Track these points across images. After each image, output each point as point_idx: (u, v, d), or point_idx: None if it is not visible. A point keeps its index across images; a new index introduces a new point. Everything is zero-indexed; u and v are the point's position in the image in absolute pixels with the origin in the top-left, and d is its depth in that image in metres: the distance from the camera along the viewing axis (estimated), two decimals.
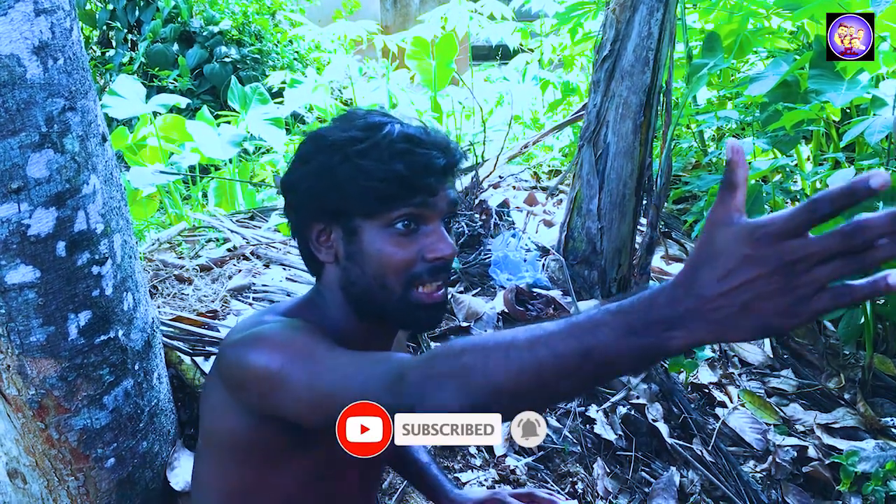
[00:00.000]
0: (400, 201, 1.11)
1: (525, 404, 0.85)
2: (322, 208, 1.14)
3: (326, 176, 1.13)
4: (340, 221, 1.14)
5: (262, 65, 6.05)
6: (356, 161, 1.10)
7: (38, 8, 1.22)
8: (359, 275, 1.14)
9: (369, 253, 1.13)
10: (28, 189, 1.25)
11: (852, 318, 2.44)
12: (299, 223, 1.19)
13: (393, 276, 1.13)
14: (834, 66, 2.55)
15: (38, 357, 1.36)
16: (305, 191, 1.15)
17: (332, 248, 1.16)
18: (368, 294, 1.15)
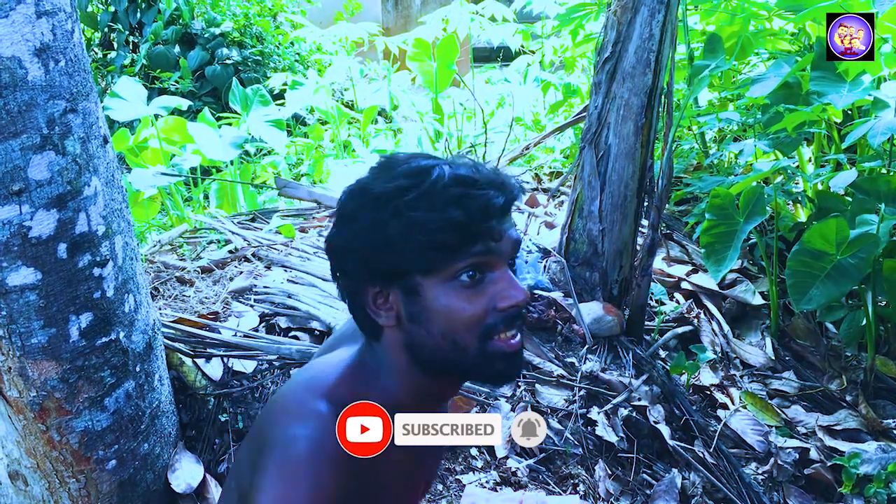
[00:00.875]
0: (462, 252, 1.03)
1: None
2: (376, 270, 1.05)
3: (377, 234, 1.03)
4: (398, 282, 1.05)
5: (264, 66, 6.05)
6: (408, 214, 1.01)
7: (40, 10, 1.23)
8: (426, 335, 1.06)
9: (435, 311, 1.04)
10: (29, 191, 1.26)
11: (854, 320, 2.44)
12: (351, 287, 1.10)
13: (465, 333, 1.05)
14: (836, 68, 2.55)
15: (39, 359, 1.36)
16: (355, 253, 1.05)
17: (392, 311, 1.07)
18: (440, 354, 1.07)
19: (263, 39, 6.17)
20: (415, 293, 1.04)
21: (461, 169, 1.04)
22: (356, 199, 1.07)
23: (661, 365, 2.32)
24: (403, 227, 1.01)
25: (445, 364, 1.08)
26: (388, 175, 1.05)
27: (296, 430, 1.02)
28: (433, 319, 1.05)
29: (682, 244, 3.08)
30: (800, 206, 3.04)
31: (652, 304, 2.64)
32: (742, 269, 2.93)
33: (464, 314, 1.04)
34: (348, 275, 1.09)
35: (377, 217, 1.03)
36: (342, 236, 1.07)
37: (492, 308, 1.05)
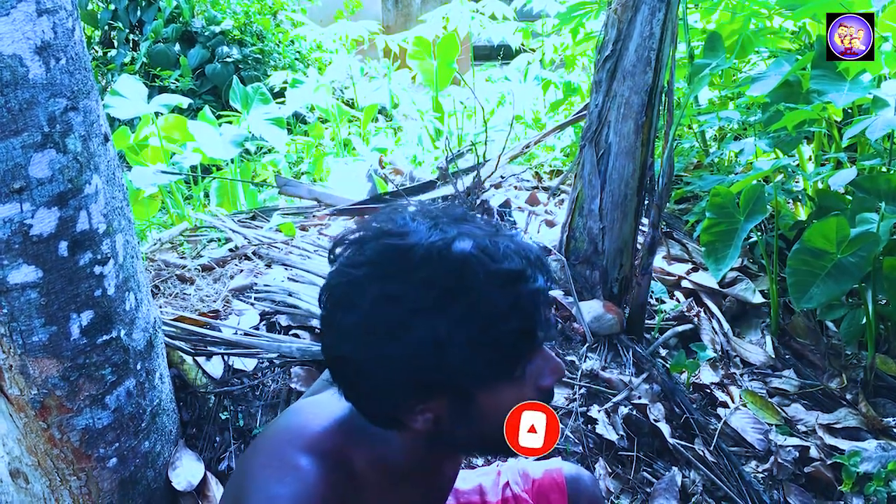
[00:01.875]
0: (524, 356, 0.97)
1: None
2: (423, 387, 0.95)
3: (431, 355, 0.92)
4: (448, 394, 0.96)
5: (264, 65, 6.05)
6: (467, 329, 0.91)
7: (41, 8, 1.23)
8: (471, 434, 1.00)
9: (490, 414, 0.98)
10: (30, 189, 1.26)
11: (854, 319, 2.44)
12: (378, 398, 0.99)
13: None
14: (836, 67, 2.55)
15: (40, 357, 1.36)
16: (400, 370, 0.94)
17: (430, 416, 0.98)
18: (479, 446, 1.05)
19: (264, 37, 6.17)
20: (467, 401, 0.97)
21: (503, 258, 0.94)
22: (394, 309, 0.92)
23: (661, 363, 2.33)
24: (467, 346, 0.92)
25: (475, 451, 1.10)
26: (425, 275, 0.93)
27: (274, 488, 0.96)
28: (486, 420, 0.98)
29: (683, 242, 3.08)
30: (800, 204, 3.04)
31: (652, 302, 2.64)
32: (742, 268, 2.93)
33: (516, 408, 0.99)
34: (377, 388, 0.97)
35: (430, 334, 0.91)
36: (379, 355, 0.94)
37: (536, 388, 1.00)
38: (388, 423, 1.02)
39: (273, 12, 6.35)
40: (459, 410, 0.97)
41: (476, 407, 0.97)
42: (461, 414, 0.98)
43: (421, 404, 0.97)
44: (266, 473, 0.98)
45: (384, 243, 0.96)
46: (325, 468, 0.99)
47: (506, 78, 5.49)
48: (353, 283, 0.95)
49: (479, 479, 1.47)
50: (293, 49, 6.32)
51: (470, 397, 0.96)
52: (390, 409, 0.98)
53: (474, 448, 1.07)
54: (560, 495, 1.43)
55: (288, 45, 6.31)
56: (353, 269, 0.96)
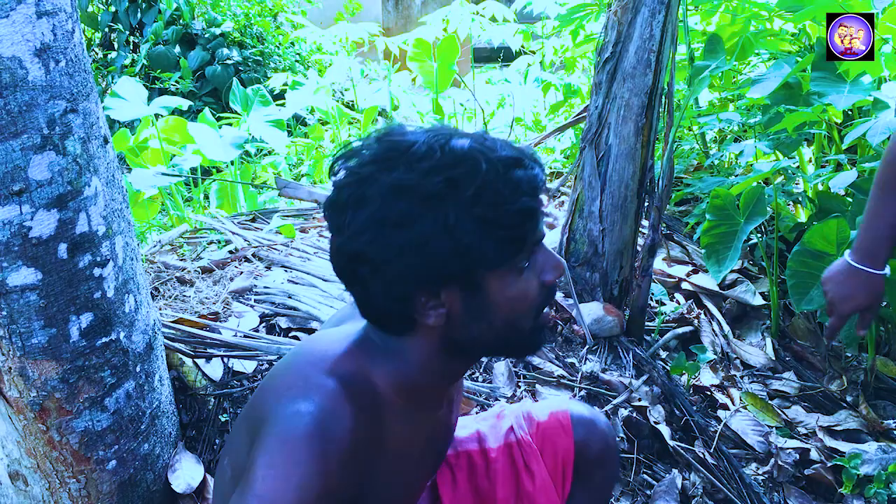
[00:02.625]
0: (532, 237, 1.00)
1: None
2: (435, 274, 0.98)
3: (443, 239, 0.95)
4: (459, 282, 0.99)
5: (264, 67, 6.05)
6: (474, 211, 0.95)
7: (40, 10, 1.23)
8: (483, 328, 1.03)
9: (500, 304, 1.01)
10: (30, 191, 1.26)
11: (854, 320, 2.43)
12: (392, 294, 1.00)
13: (526, 316, 1.04)
14: (836, 69, 2.55)
15: (39, 359, 1.36)
16: (411, 260, 0.96)
17: (443, 310, 1.01)
18: (492, 341, 1.05)
19: (264, 39, 6.17)
20: (477, 290, 1.00)
21: (501, 149, 0.99)
22: (400, 200, 0.96)
23: (661, 365, 2.32)
24: (476, 227, 0.95)
25: (492, 349, 1.10)
26: (425, 165, 0.96)
27: (300, 405, 0.97)
28: (496, 311, 1.02)
29: (683, 244, 3.08)
30: (800, 206, 3.04)
31: (652, 304, 2.64)
32: (742, 270, 2.93)
33: (527, 299, 1.03)
34: (392, 283, 0.99)
35: (439, 219, 0.95)
36: (394, 244, 0.96)
37: (540, 283, 1.04)
38: (402, 327, 1.04)
39: (273, 14, 6.36)
40: (470, 302, 1.00)
41: (485, 297, 1.00)
42: (472, 306, 1.01)
43: (433, 299, 0.99)
44: (291, 392, 1.00)
45: (387, 141, 1.01)
46: (350, 388, 1.01)
47: (506, 80, 5.49)
48: (361, 181, 0.98)
49: (476, 426, 1.48)
50: (293, 51, 6.33)
51: (479, 287, 0.99)
52: (404, 308, 1.00)
53: (486, 346, 1.08)
54: (566, 438, 1.42)
55: (288, 47, 6.32)
56: (360, 168, 1.00)
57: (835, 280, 1.69)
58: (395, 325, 1.05)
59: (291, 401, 0.98)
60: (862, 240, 1.65)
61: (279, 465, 0.93)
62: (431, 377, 1.10)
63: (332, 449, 0.95)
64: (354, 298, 1.06)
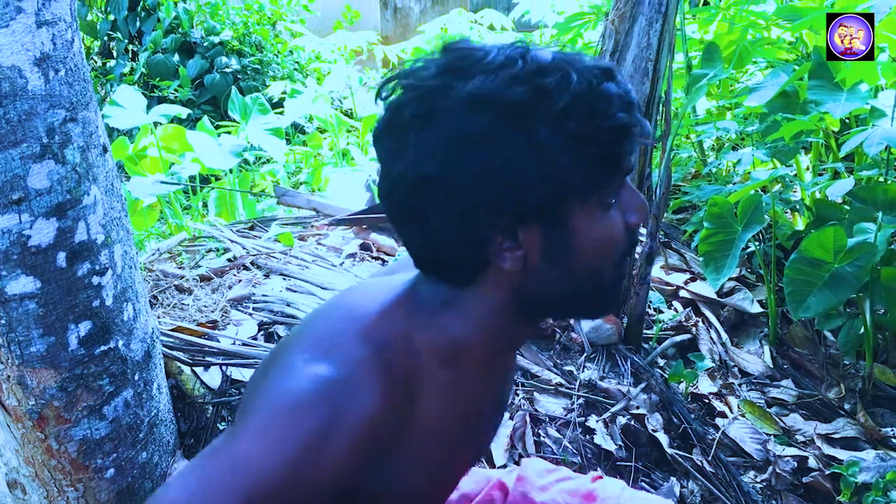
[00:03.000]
0: (625, 162, 0.85)
1: None
2: (517, 204, 0.82)
3: (530, 159, 0.80)
4: (542, 216, 0.84)
5: (263, 75, 6.07)
6: (567, 126, 0.80)
7: (40, 20, 1.23)
8: (561, 276, 0.88)
9: (584, 246, 0.86)
10: (29, 200, 1.26)
11: (852, 328, 2.44)
12: (463, 229, 0.84)
13: (610, 263, 0.90)
14: (833, 77, 2.56)
15: (38, 367, 1.36)
16: (492, 184, 0.81)
17: (520, 252, 0.85)
18: (567, 294, 0.90)
19: (262, 48, 6.19)
20: (561, 226, 0.84)
21: (587, 61, 0.84)
22: (479, 114, 0.80)
23: (659, 373, 2.33)
24: (568, 145, 0.80)
25: (565, 305, 0.93)
26: (501, 74, 0.81)
27: (320, 367, 0.82)
28: (580, 255, 0.86)
29: (681, 252, 3.09)
30: (798, 214, 3.05)
31: (650, 312, 2.64)
32: (740, 278, 2.93)
33: (613, 241, 0.88)
34: (464, 215, 0.83)
35: (526, 135, 0.80)
36: (470, 167, 0.80)
37: (625, 225, 0.89)
38: (467, 273, 0.88)
39: (272, 23, 6.38)
40: (551, 242, 0.85)
41: (569, 236, 0.85)
42: (553, 247, 0.85)
43: (509, 239, 0.84)
44: (316, 349, 0.85)
45: (457, 51, 0.85)
46: (385, 358, 0.85)
47: None
48: (429, 94, 0.82)
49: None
50: (292, 59, 6.34)
51: (564, 224, 0.84)
52: (474, 248, 0.85)
53: (560, 300, 0.91)
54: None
55: (287, 55, 6.33)
56: (426, 81, 0.83)
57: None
58: (460, 272, 0.89)
59: (313, 358, 0.83)
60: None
61: (274, 428, 0.79)
62: (490, 339, 0.93)
63: (343, 430, 0.80)
64: (408, 243, 0.90)
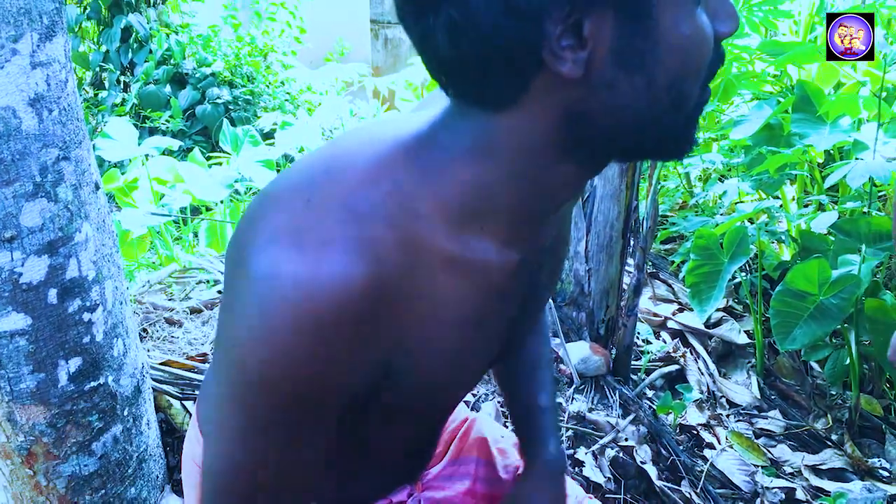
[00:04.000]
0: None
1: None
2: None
3: None
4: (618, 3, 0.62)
5: (254, 105, 6.11)
6: None
7: (35, 61, 1.25)
8: (637, 89, 0.65)
9: (670, 46, 0.64)
10: (21, 238, 1.27)
11: (838, 359, 2.46)
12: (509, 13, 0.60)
13: (695, 76, 0.68)
14: (816, 111, 2.60)
15: (27, 404, 1.37)
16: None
17: (583, 55, 0.62)
18: (640, 119, 0.67)
19: (254, 79, 6.23)
20: (643, 16, 0.63)
21: None
22: None
23: (647, 405, 2.34)
24: None
25: (635, 137, 0.69)
26: None
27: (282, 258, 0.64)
28: (665, 59, 0.65)
29: (669, 283, 3.11)
30: (784, 245, 3.08)
31: (638, 343, 2.66)
32: (727, 308, 2.96)
33: (702, 47, 0.67)
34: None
35: None
36: None
37: (714, 31, 0.68)
38: (510, 85, 0.65)
39: (264, 55, 6.43)
40: (628, 37, 0.63)
41: (651, 30, 0.63)
42: (630, 45, 0.63)
43: (570, 34, 0.62)
44: (280, 229, 0.66)
45: None
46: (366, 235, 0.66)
47: None
48: None
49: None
50: (283, 90, 6.39)
51: (646, 13, 0.63)
52: (524, 42, 0.61)
53: (629, 128, 0.68)
54: None
55: (278, 86, 6.38)
56: None
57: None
58: (500, 81, 0.65)
59: (274, 244, 0.65)
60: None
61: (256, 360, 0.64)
62: (522, 193, 0.71)
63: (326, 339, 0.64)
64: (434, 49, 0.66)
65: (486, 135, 0.68)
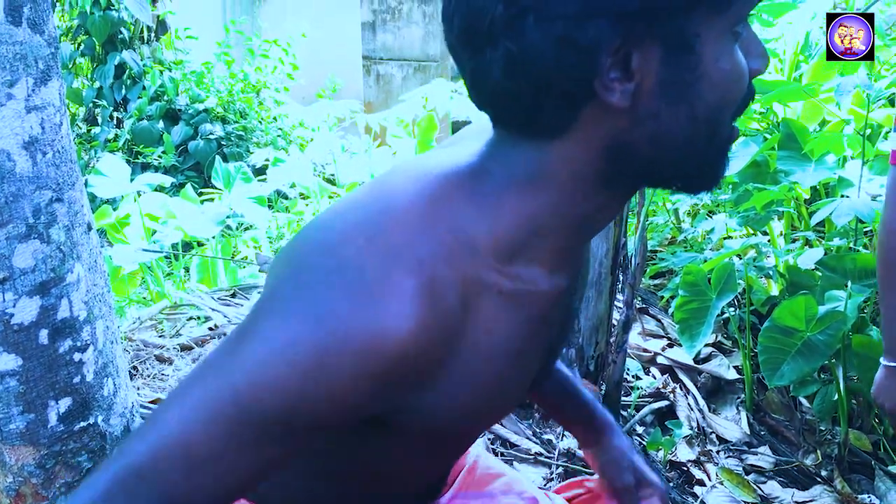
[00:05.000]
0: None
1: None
2: (642, 7, 0.64)
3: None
4: (669, 30, 0.66)
5: (246, 141, 6.14)
6: None
7: (30, 105, 1.27)
8: (679, 119, 0.69)
9: (711, 78, 0.68)
10: (13, 279, 1.28)
11: (827, 395, 2.47)
12: (566, 43, 0.64)
13: (730, 110, 0.72)
14: (801, 148, 2.64)
15: (16, 444, 1.37)
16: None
17: (630, 86, 0.66)
18: (678, 149, 0.71)
19: (246, 115, 6.27)
20: (687, 50, 0.67)
21: None
22: None
23: (638, 441, 2.34)
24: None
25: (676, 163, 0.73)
26: None
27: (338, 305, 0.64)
28: (705, 91, 0.69)
29: (658, 318, 3.12)
30: (772, 280, 3.10)
31: (628, 378, 2.67)
32: (716, 343, 2.97)
33: (739, 81, 0.71)
34: (567, 24, 0.64)
35: None
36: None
37: (749, 68, 0.72)
38: (561, 114, 0.69)
39: (256, 91, 6.48)
40: (673, 70, 0.67)
41: (695, 65, 0.67)
42: (674, 77, 0.67)
43: (620, 68, 0.66)
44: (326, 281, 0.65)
45: None
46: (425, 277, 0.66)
47: None
48: None
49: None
50: (275, 126, 6.43)
51: (691, 47, 0.67)
52: (577, 73, 0.65)
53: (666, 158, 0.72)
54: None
55: (270, 122, 6.42)
56: None
57: (882, 388, 1.60)
58: (553, 111, 0.69)
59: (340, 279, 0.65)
60: (889, 340, 1.60)
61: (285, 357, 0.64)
62: (570, 220, 0.75)
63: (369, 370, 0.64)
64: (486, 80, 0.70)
65: (538, 164, 0.72)
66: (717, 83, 0.69)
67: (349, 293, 0.64)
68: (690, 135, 0.70)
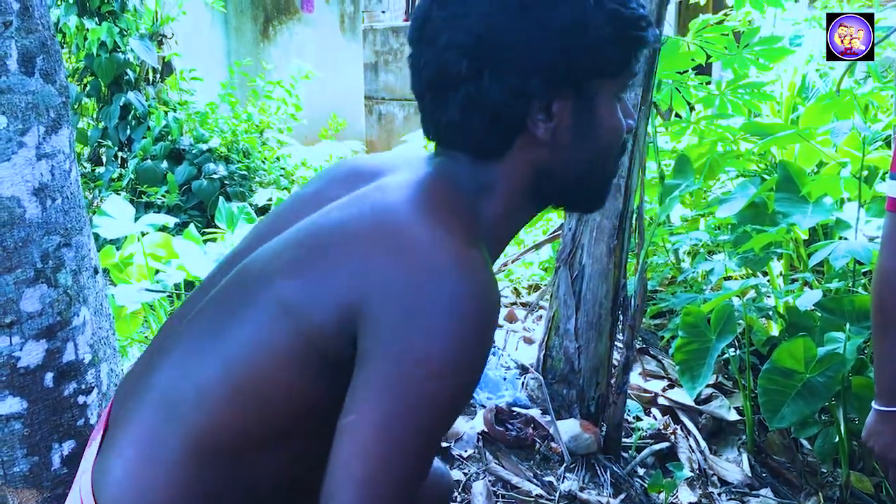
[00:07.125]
0: (640, 53, 0.98)
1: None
2: (563, 71, 0.93)
3: (578, 30, 0.91)
4: (579, 87, 0.95)
5: (250, 181, 6.18)
6: (608, 5, 0.92)
7: (40, 153, 1.30)
8: (580, 154, 0.99)
9: (602, 126, 0.99)
10: (20, 323, 1.30)
11: (828, 436, 2.47)
12: (512, 91, 0.92)
13: (613, 153, 1.03)
14: (799, 190, 2.67)
15: (20, 487, 1.38)
16: (546, 49, 0.91)
17: (551, 125, 0.96)
18: (578, 176, 1.01)
19: (250, 154, 6.32)
20: (590, 106, 0.97)
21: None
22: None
23: (639, 483, 2.34)
24: (608, 23, 0.92)
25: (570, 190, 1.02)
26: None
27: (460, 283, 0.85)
28: (597, 137, 0.99)
29: (659, 358, 3.13)
30: (772, 321, 3.11)
31: (629, 420, 2.67)
32: (717, 384, 2.97)
33: (620, 131, 1.01)
34: (516, 75, 0.92)
35: (578, 6, 0.91)
36: (522, 30, 0.90)
37: (624, 124, 1.02)
38: (503, 142, 0.96)
39: (259, 131, 6.54)
40: (579, 117, 0.96)
41: (594, 114, 0.97)
42: (579, 123, 0.96)
43: (545, 111, 0.94)
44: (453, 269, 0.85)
45: None
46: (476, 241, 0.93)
47: None
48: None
49: None
50: (278, 166, 6.48)
51: (592, 101, 0.96)
52: (519, 110, 0.93)
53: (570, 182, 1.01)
54: None
55: (273, 161, 6.47)
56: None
57: (873, 432, 1.61)
58: (498, 137, 0.96)
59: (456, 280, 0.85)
60: (881, 384, 1.61)
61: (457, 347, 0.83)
62: (509, 224, 1.04)
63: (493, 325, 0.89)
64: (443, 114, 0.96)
65: (488, 177, 0.98)
66: (607, 129, 0.99)
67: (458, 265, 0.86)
68: (585, 169, 1.01)
